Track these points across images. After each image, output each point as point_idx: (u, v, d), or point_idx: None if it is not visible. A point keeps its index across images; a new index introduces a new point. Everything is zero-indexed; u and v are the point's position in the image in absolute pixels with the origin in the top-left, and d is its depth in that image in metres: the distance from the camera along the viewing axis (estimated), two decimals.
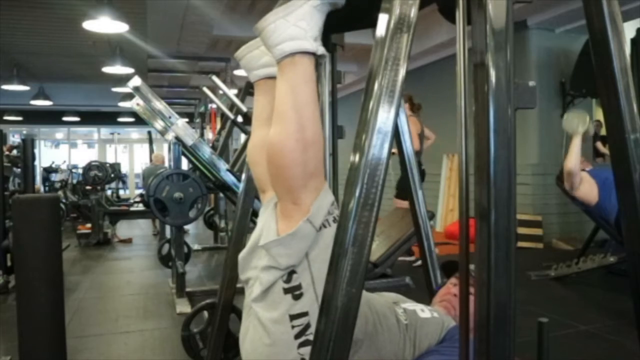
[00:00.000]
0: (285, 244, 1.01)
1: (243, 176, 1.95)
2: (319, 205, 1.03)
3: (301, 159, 1.00)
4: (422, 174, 4.02)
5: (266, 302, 1.04)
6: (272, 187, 1.10)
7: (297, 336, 1.01)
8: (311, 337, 0.99)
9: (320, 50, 1.03)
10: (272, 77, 1.19)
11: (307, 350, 1.00)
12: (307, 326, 1.01)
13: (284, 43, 1.00)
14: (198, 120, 9.85)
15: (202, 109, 9.43)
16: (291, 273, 1.02)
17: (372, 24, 0.83)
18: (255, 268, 1.09)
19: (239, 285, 1.41)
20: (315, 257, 1.02)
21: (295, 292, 1.01)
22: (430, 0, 1.00)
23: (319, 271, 1.01)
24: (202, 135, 8.55)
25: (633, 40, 4.56)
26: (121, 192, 11.26)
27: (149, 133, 10.18)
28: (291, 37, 1.00)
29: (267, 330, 1.03)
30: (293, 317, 1.01)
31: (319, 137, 1.04)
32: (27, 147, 3.89)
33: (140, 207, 6.31)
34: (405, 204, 3.81)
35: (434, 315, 1.28)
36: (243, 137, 5.92)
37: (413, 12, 0.79)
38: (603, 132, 6.16)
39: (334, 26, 1.14)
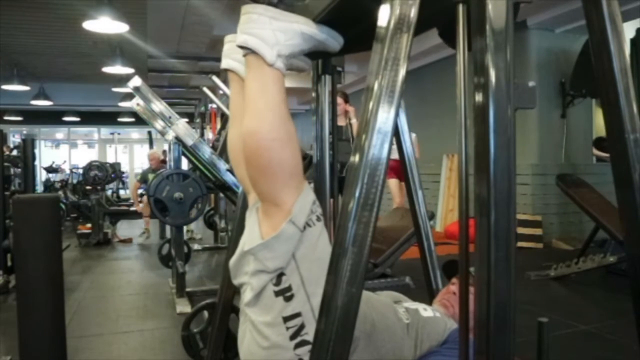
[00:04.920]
0: (270, 247, 1.00)
1: None
2: (301, 205, 1.02)
3: (278, 158, 0.99)
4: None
5: (259, 306, 1.04)
6: (253, 189, 1.09)
7: (292, 337, 1.01)
8: (307, 337, 0.99)
9: (277, 65, 1.00)
10: (242, 75, 1.18)
11: (303, 351, 1.00)
12: (302, 327, 1.01)
13: (250, 37, 0.98)
14: (198, 120, 9.85)
15: (202, 109, 9.43)
16: (280, 275, 1.01)
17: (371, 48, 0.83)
18: (246, 274, 1.09)
19: None
20: (302, 257, 1.02)
21: (286, 294, 1.01)
22: (430, 25, 0.99)
23: (307, 271, 1.01)
24: (202, 135, 8.55)
25: (633, 41, 4.56)
26: (121, 192, 11.28)
27: (149, 133, 10.19)
28: (260, 37, 0.98)
29: (262, 334, 1.02)
30: (286, 319, 1.01)
31: (293, 135, 1.02)
32: (27, 147, 3.90)
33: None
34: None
35: (436, 315, 1.28)
36: None
37: (413, 12, 0.79)
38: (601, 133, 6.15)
39: None
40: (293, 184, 1.02)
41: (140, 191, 6.13)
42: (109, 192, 8.84)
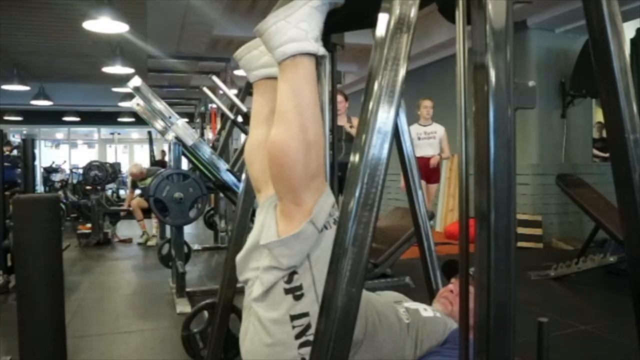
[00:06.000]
0: (287, 245, 1.01)
1: (243, 176, 1.96)
2: (321, 207, 1.03)
3: (303, 159, 1.00)
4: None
5: (267, 302, 1.04)
6: (273, 187, 1.10)
7: (297, 336, 1.01)
8: (312, 338, 1.00)
9: (321, 51, 1.04)
10: (271, 78, 1.19)
11: (307, 351, 1.00)
12: (308, 327, 1.01)
13: (286, 45, 1.00)
14: (198, 120, 9.86)
15: (202, 109, 9.44)
16: (292, 274, 1.02)
17: (372, 24, 0.83)
18: (254, 269, 1.09)
19: (239, 285, 1.42)
20: (316, 259, 1.03)
21: (296, 293, 1.02)
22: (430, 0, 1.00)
23: (320, 272, 1.02)
24: (202, 135, 8.56)
25: (633, 41, 4.56)
26: (121, 192, 11.28)
27: (149, 133, 10.19)
28: (293, 39, 1.00)
29: (267, 330, 1.03)
30: (294, 318, 1.01)
31: (321, 137, 1.04)
32: (27, 147, 3.89)
33: None
34: None
35: (436, 315, 1.28)
36: (243, 137, 5.91)
37: (413, 12, 0.79)
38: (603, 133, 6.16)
39: (334, 26, 1.14)
40: (315, 185, 1.03)
41: (139, 191, 6.10)
42: (109, 192, 8.84)
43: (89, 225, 5.99)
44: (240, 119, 4.17)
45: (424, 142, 5.06)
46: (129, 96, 6.46)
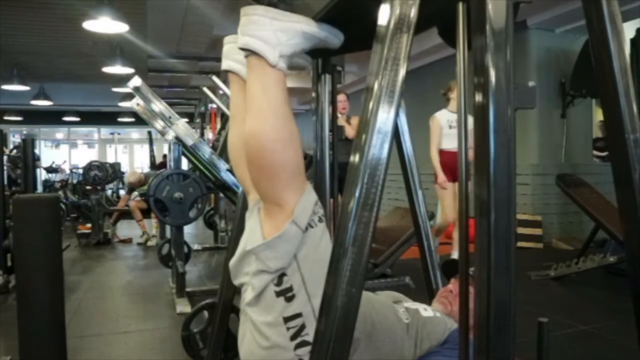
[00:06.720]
0: (273, 247, 1.00)
1: None
2: (303, 206, 1.02)
3: (281, 159, 0.99)
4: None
5: (259, 306, 1.04)
6: (255, 189, 1.09)
7: (292, 338, 1.01)
8: (307, 338, 1.00)
9: (280, 66, 1.00)
10: (242, 76, 1.19)
11: (304, 351, 1.00)
12: (302, 327, 1.01)
13: (252, 38, 0.98)
14: (198, 120, 9.86)
15: (202, 109, 9.43)
16: (281, 276, 1.01)
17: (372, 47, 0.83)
18: (247, 274, 1.09)
19: None
20: (304, 258, 1.02)
21: (287, 295, 1.01)
22: (430, 24, 0.99)
23: (309, 271, 1.01)
24: (202, 135, 8.55)
25: (633, 41, 4.56)
26: (121, 192, 11.29)
27: (149, 133, 10.19)
28: (262, 38, 0.98)
29: (263, 334, 1.02)
30: (287, 319, 1.01)
31: (296, 135, 1.02)
32: (27, 147, 3.89)
33: None
34: None
35: (436, 315, 1.28)
36: None
37: (413, 12, 0.78)
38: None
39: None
40: (295, 184, 1.02)
41: (135, 194, 6.08)
42: (109, 192, 8.84)
43: (89, 225, 5.99)
44: None
45: (453, 133, 4.40)
46: (129, 96, 6.46)
